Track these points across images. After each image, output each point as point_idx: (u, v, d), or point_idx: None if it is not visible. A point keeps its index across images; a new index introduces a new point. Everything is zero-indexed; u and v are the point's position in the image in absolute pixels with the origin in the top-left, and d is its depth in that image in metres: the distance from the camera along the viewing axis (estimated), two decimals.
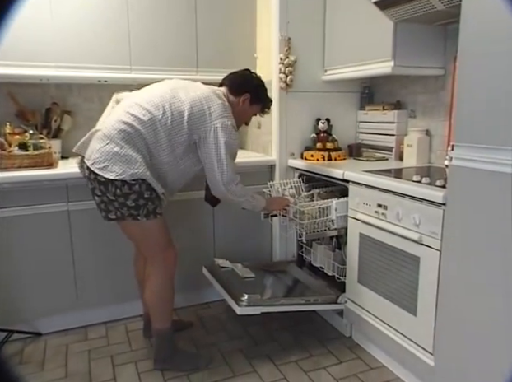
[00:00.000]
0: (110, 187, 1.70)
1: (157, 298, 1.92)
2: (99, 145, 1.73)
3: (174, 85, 1.89)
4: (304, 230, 2.09)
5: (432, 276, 1.63)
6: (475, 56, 1.37)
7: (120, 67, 2.41)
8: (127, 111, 1.77)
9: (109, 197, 1.73)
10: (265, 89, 2.09)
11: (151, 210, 1.77)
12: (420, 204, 1.66)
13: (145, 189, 1.74)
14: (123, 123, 1.73)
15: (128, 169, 1.69)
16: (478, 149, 1.38)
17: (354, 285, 2.09)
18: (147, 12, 2.42)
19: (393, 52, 2.06)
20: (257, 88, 2.04)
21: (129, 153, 1.70)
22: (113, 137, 1.71)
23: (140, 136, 1.74)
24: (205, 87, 1.93)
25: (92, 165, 1.71)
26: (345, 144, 2.66)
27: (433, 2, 1.77)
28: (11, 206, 2.07)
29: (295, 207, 2.11)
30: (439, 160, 2.23)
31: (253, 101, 2.03)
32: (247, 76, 2.07)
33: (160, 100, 1.79)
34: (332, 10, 2.48)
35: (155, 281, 1.90)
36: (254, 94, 2.02)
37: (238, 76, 2.05)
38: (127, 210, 1.74)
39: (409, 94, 2.46)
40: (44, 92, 2.57)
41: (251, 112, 2.08)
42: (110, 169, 1.69)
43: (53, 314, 2.25)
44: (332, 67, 2.52)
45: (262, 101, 2.07)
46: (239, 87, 2.00)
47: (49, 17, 2.22)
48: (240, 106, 2.00)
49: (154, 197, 1.78)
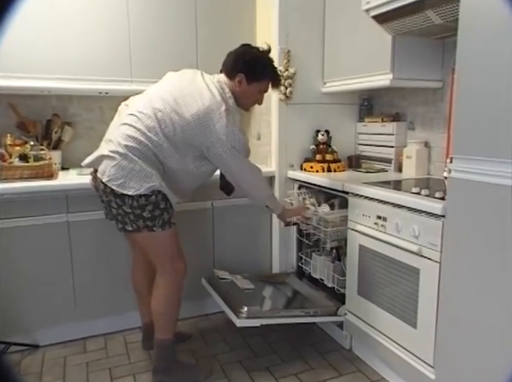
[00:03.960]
0: (127, 200, 1.71)
1: (163, 308, 1.91)
2: (112, 161, 1.72)
3: (175, 91, 1.81)
4: (329, 237, 2.13)
5: (432, 288, 1.62)
6: (472, 69, 1.39)
7: (121, 79, 2.43)
8: (133, 126, 1.75)
9: (125, 210, 1.74)
10: (263, 62, 1.90)
11: (166, 220, 1.79)
12: (419, 216, 1.67)
13: (161, 200, 1.76)
14: (131, 138, 1.73)
15: (145, 183, 1.70)
16: (477, 161, 1.39)
17: (354, 297, 2.09)
18: (148, 25, 2.45)
19: (391, 65, 2.08)
20: (250, 64, 1.86)
21: (144, 168, 1.71)
22: (124, 153, 1.71)
23: (149, 150, 1.74)
24: (207, 92, 1.79)
25: (109, 181, 1.71)
26: (344, 155, 2.67)
27: (431, 17, 1.80)
28: (11, 217, 2.07)
29: (319, 214, 2.15)
30: (439, 172, 2.24)
31: (251, 79, 1.87)
32: (238, 53, 1.90)
33: (162, 115, 1.76)
34: (331, 23, 2.51)
35: (163, 291, 1.90)
36: (249, 71, 1.85)
37: (230, 56, 1.91)
38: (143, 222, 1.75)
39: (408, 106, 2.48)
40: (45, 103, 2.58)
41: (255, 91, 1.91)
42: (128, 185, 1.69)
43: (51, 325, 2.24)
44: (331, 80, 2.54)
45: (262, 77, 1.89)
46: (232, 68, 1.87)
47: (51, 30, 2.24)
48: (238, 89, 1.88)
49: (169, 207, 1.80)
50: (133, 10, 2.40)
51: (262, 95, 1.98)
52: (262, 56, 1.91)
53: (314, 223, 2.20)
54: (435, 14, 1.76)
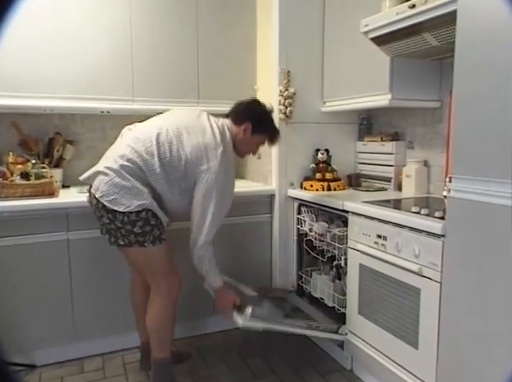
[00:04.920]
0: (118, 215, 1.75)
1: (157, 324, 1.91)
2: (106, 178, 1.77)
3: (179, 123, 1.89)
4: (343, 254, 2.14)
5: (433, 308, 1.61)
6: (470, 90, 1.41)
7: (123, 98, 2.46)
8: (133, 147, 1.81)
9: (117, 225, 1.77)
10: (270, 118, 2.05)
11: (156, 236, 1.81)
12: (419, 235, 1.67)
13: (151, 216, 1.79)
14: (128, 158, 1.78)
15: (136, 200, 1.74)
16: (476, 181, 1.40)
17: (354, 316, 2.07)
18: (151, 46, 2.49)
19: (390, 85, 2.11)
20: (259, 117, 2.01)
21: (136, 186, 1.75)
22: (118, 170, 1.76)
23: (142, 172, 1.78)
24: (209, 131, 1.87)
25: (101, 197, 1.76)
26: (344, 174, 2.68)
27: (428, 39, 1.83)
28: (11, 235, 2.07)
29: (333, 231, 2.17)
30: (438, 191, 2.25)
31: (256, 130, 1.99)
32: (250, 105, 2.04)
33: (163, 140, 1.81)
34: (330, 44, 2.56)
35: (157, 307, 1.90)
36: (256, 123, 1.98)
37: (241, 106, 2.04)
38: (134, 237, 1.78)
39: (407, 125, 2.50)
40: (47, 122, 2.61)
41: (255, 142, 2.04)
42: (119, 201, 1.73)
43: (49, 345, 2.22)
44: (330, 99, 2.58)
45: (265, 131, 2.04)
46: (241, 116, 1.99)
47: (54, 50, 2.28)
48: (242, 135, 1.98)
49: (159, 224, 1.83)
50: (136, 30, 2.45)
51: (259, 148, 2.11)
52: (269, 113, 2.05)
53: (327, 240, 2.21)
54: (432, 37, 1.80)
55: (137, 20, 2.45)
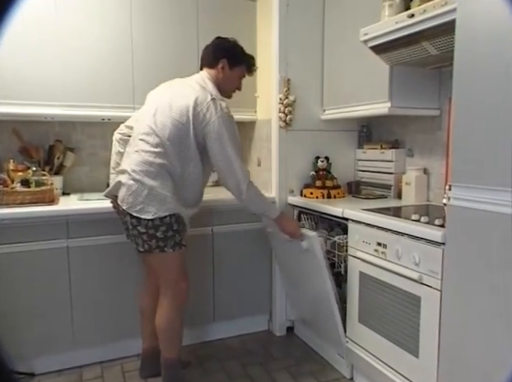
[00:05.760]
0: (142, 220, 1.80)
1: (167, 325, 1.96)
2: (129, 190, 1.82)
3: (168, 100, 1.89)
4: (343, 261, 2.14)
5: (433, 316, 1.61)
6: (469, 98, 1.42)
7: (124, 105, 2.47)
8: (142, 150, 1.84)
9: (140, 230, 1.82)
10: (240, 48, 2.05)
11: (177, 241, 1.87)
12: (419, 243, 1.67)
13: (174, 221, 1.84)
14: (142, 162, 1.82)
15: (162, 206, 1.80)
16: (476, 189, 1.40)
17: (355, 325, 2.07)
18: (151, 53, 2.51)
19: (389, 93, 2.11)
20: (230, 50, 2.01)
21: (159, 191, 1.80)
22: (138, 179, 1.80)
23: (159, 166, 1.81)
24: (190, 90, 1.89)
25: (129, 208, 1.82)
26: (344, 182, 2.69)
27: (427, 48, 1.84)
28: (10, 242, 2.07)
29: (333, 239, 2.18)
30: (438, 198, 2.25)
31: (232, 64, 2.00)
32: (216, 43, 2.04)
33: (161, 125, 1.83)
34: (329, 52, 2.57)
35: (167, 310, 1.95)
36: (230, 56, 1.99)
37: (208, 49, 2.05)
38: (155, 242, 1.83)
39: (406, 133, 2.51)
40: (48, 129, 2.62)
41: (236, 75, 2.05)
42: (146, 209, 1.79)
43: (48, 353, 2.20)
44: (330, 107, 2.59)
45: (241, 61, 2.04)
46: (213, 56, 2.00)
47: (55, 58, 2.29)
48: (221, 74, 1.99)
49: (181, 229, 1.87)
50: (137, 38, 2.47)
51: (241, 81, 2.10)
52: (237, 44, 2.06)
53: (327, 247, 2.22)
54: (431, 45, 1.81)
55: (138, 29, 2.47)
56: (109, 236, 2.23)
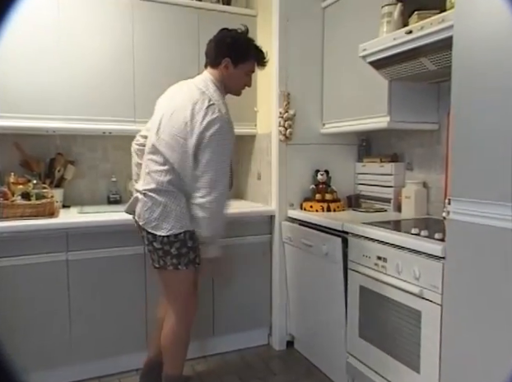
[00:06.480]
0: (158, 236, 1.80)
1: (172, 341, 1.93)
2: (144, 206, 1.82)
3: (170, 111, 1.85)
4: None
5: (434, 331, 1.60)
6: (467, 112, 1.43)
7: (125, 119, 2.48)
8: (152, 170, 1.83)
9: (155, 246, 1.82)
10: (244, 42, 1.88)
11: (191, 259, 1.85)
12: (419, 257, 1.67)
13: (188, 238, 1.81)
14: (154, 181, 1.81)
15: (176, 223, 1.78)
16: (475, 204, 1.40)
17: (355, 339, 2.05)
18: (152, 67, 2.53)
19: (388, 108, 2.13)
20: (233, 46, 1.84)
21: (173, 208, 1.79)
22: (153, 196, 1.80)
23: (171, 184, 1.79)
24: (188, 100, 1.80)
25: (144, 224, 1.82)
26: (344, 195, 2.69)
27: (425, 63, 1.86)
28: (11, 255, 2.06)
29: None
30: (438, 212, 2.25)
31: (236, 62, 1.85)
32: (218, 39, 1.88)
33: (164, 142, 1.81)
34: (329, 67, 2.60)
35: (173, 325, 1.92)
36: (232, 54, 1.84)
37: (211, 44, 1.90)
38: (170, 258, 1.81)
39: (406, 147, 2.52)
40: (49, 142, 2.63)
41: (242, 73, 1.89)
42: (160, 226, 1.79)
43: (45, 367, 2.17)
44: (330, 121, 2.60)
45: (247, 57, 1.87)
46: (215, 56, 1.86)
47: (56, 71, 2.32)
48: (226, 74, 1.86)
49: (195, 247, 1.85)
50: (138, 51, 2.49)
51: (250, 77, 1.95)
52: (242, 37, 1.88)
53: None
54: (429, 61, 1.83)
55: (140, 42, 2.49)
56: (109, 249, 2.23)
